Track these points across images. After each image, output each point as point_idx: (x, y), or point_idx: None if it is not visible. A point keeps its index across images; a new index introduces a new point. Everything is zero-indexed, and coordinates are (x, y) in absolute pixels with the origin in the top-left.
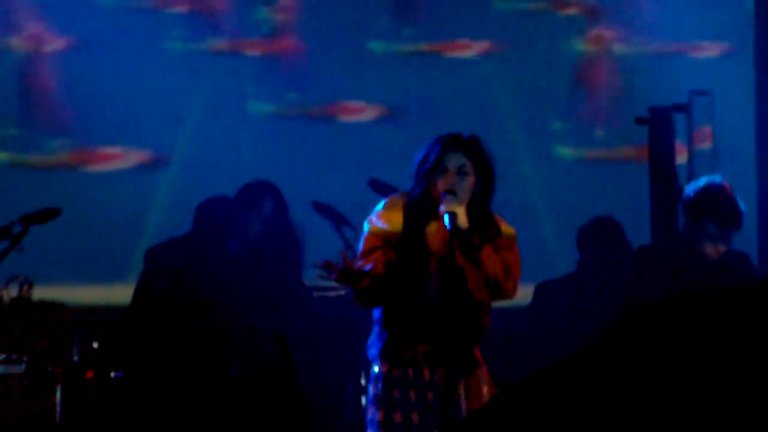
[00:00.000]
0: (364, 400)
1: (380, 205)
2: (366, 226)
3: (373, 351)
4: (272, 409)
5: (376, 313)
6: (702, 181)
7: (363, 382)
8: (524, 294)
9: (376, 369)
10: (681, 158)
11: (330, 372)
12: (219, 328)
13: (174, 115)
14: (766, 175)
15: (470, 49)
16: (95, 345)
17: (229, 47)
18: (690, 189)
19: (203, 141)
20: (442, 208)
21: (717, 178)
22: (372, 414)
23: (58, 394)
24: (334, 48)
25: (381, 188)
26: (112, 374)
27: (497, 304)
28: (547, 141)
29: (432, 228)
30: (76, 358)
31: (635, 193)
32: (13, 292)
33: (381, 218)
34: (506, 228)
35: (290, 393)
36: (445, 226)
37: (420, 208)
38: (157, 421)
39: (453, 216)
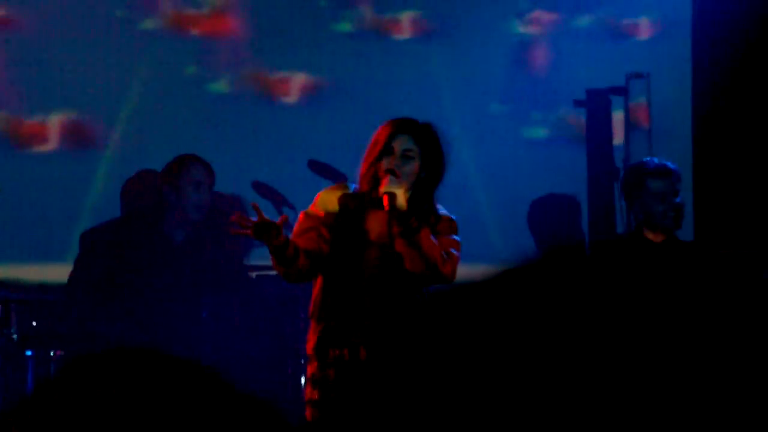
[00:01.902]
0: (303, 379)
1: (317, 195)
2: (300, 215)
3: (309, 346)
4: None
5: (311, 307)
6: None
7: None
8: (468, 275)
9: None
10: (618, 139)
11: (270, 352)
12: (159, 309)
13: (113, 94)
14: (703, 156)
15: (408, 30)
16: (34, 324)
17: (168, 25)
18: (623, 170)
19: (142, 120)
20: (383, 189)
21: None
22: (309, 394)
23: None
24: (272, 27)
25: (320, 168)
26: (52, 353)
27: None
28: (485, 123)
29: (373, 215)
30: (15, 337)
31: (573, 174)
32: None
33: (317, 205)
34: (446, 215)
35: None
36: (384, 210)
37: (364, 192)
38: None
39: (392, 197)
